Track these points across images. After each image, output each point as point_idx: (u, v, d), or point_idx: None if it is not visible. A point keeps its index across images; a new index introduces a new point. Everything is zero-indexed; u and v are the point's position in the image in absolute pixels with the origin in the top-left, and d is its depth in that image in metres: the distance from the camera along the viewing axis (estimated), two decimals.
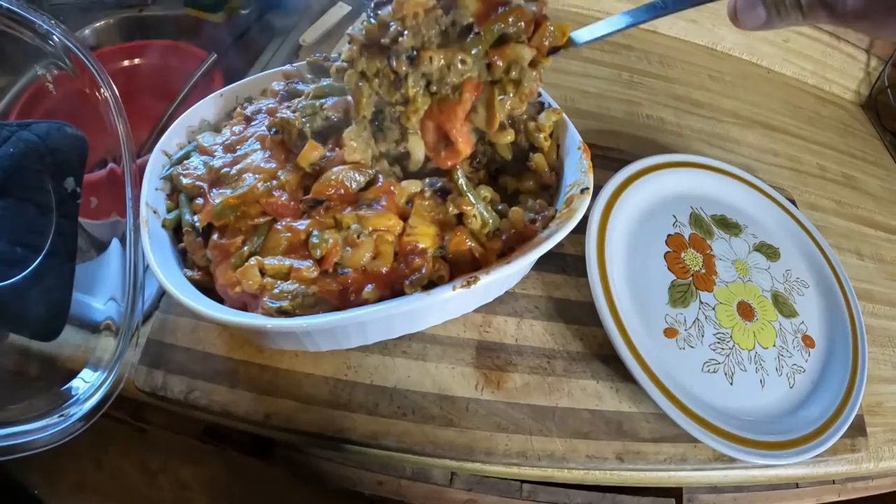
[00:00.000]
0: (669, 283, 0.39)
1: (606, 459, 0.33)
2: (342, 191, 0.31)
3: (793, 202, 0.48)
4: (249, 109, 0.36)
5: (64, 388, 0.29)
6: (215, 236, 0.31)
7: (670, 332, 0.37)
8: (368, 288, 0.28)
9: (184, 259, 0.32)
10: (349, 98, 0.32)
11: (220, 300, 0.30)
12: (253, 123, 0.35)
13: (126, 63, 0.50)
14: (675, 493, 0.43)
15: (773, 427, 0.36)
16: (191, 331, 0.35)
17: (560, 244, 0.40)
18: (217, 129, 0.36)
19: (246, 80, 0.37)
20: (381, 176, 0.32)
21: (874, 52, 0.65)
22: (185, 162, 0.34)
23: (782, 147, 0.56)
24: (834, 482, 0.45)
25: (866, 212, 0.54)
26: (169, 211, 0.33)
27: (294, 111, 0.33)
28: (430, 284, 0.29)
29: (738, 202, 0.43)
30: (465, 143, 0.30)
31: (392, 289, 0.29)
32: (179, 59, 0.51)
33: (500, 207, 0.33)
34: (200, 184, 0.32)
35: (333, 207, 0.30)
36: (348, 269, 0.29)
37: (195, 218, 0.32)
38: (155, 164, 0.34)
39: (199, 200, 0.32)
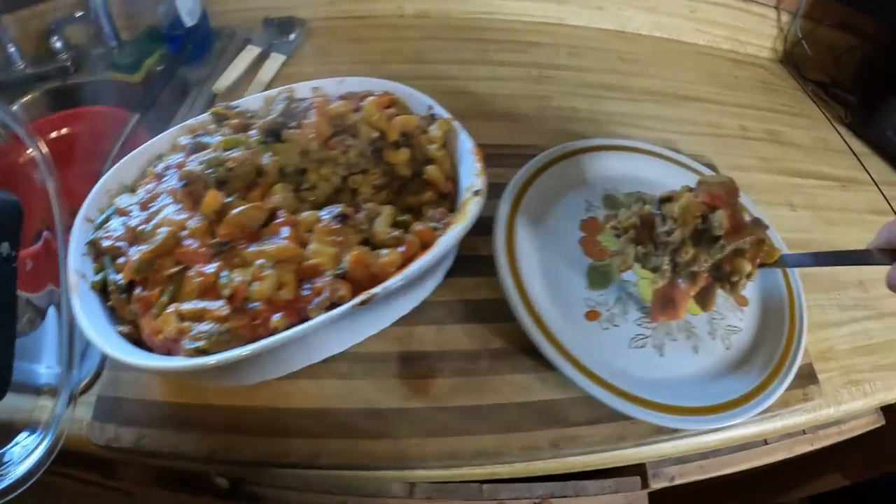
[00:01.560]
0: (588, 267, 0.43)
1: (541, 449, 0.37)
2: (245, 229, 0.36)
3: (713, 167, 0.53)
4: (160, 167, 0.41)
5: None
6: (137, 290, 0.36)
7: (592, 315, 0.41)
8: (276, 317, 0.33)
9: (114, 316, 0.38)
10: (249, 151, 0.38)
11: (150, 350, 0.35)
12: (164, 180, 0.41)
13: (55, 135, 0.57)
14: (640, 469, 0.47)
15: (712, 391, 0.40)
16: (135, 382, 0.40)
17: (474, 247, 0.45)
18: (133, 190, 0.42)
19: (155, 139, 0.43)
20: (281, 211, 0.37)
21: (783, 6, 0.70)
22: (106, 225, 0.40)
23: (701, 115, 0.61)
24: (805, 432, 0.49)
25: (793, 163, 0.58)
26: (96, 273, 0.39)
27: (201, 163, 0.38)
28: (334, 306, 0.34)
29: (653, 177, 0.48)
30: (682, 311, 0.39)
31: (299, 315, 0.34)
32: (106, 123, 0.58)
33: (404, 218, 0.39)
34: (120, 244, 0.38)
35: (239, 247, 0.36)
36: (257, 303, 0.34)
37: (118, 276, 0.37)
38: (79, 231, 0.40)
39: (122, 259, 0.38)
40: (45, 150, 0.40)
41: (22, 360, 0.37)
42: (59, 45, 0.60)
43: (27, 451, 0.33)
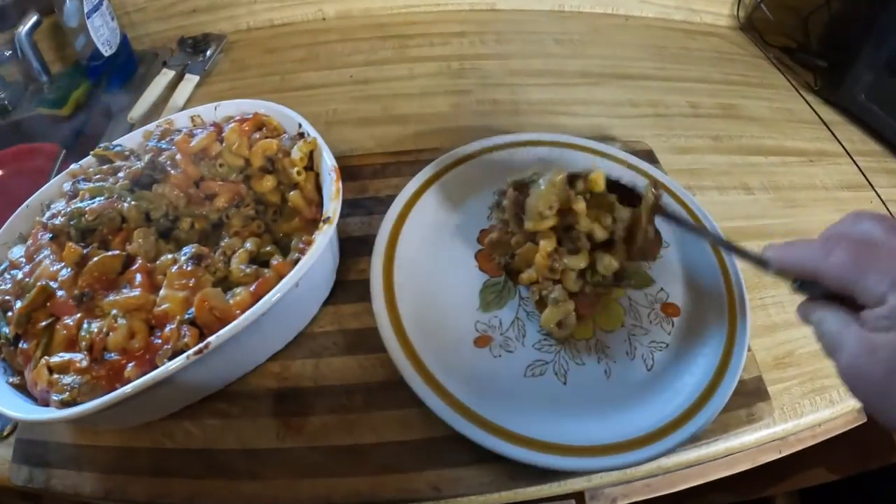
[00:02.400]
0: (482, 285, 0.41)
1: (419, 490, 0.37)
2: (103, 278, 0.38)
3: (650, 154, 0.47)
4: (46, 215, 0.44)
5: None
6: (21, 344, 0.40)
7: (482, 341, 0.40)
8: (129, 367, 0.35)
9: (10, 368, 0.41)
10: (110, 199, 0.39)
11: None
12: (49, 224, 0.43)
13: None
14: (576, 496, 0.45)
15: (626, 423, 0.37)
16: (45, 426, 0.44)
17: (362, 270, 0.44)
18: (27, 240, 0.45)
19: (45, 186, 0.46)
20: (138, 257, 0.38)
21: None
22: (0, 279, 0.43)
23: (642, 95, 0.55)
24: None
25: (752, 139, 0.51)
26: None
27: (64, 214, 0.41)
28: (180, 352, 0.35)
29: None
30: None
31: (150, 364, 0.35)
32: (40, 160, 0.62)
33: (268, 249, 0.39)
34: (9, 298, 0.41)
35: (98, 297, 0.38)
36: (113, 354, 0.36)
37: (6, 330, 0.41)
38: None
39: (10, 313, 0.41)
40: None
41: None
42: None
43: None
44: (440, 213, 0.44)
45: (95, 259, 0.38)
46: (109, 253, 0.38)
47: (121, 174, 0.42)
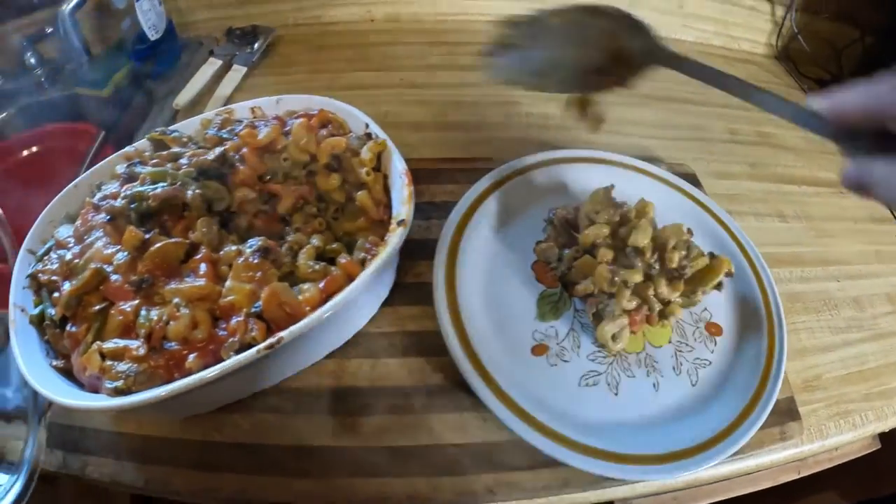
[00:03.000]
0: (539, 296, 0.40)
1: (476, 494, 0.35)
2: (165, 265, 0.35)
3: (693, 177, 0.47)
4: (97, 197, 0.41)
5: None
6: (69, 326, 0.36)
7: (539, 350, 0.38)
8: (191, 358, 0.32)
9: (52, 350, 0.38)
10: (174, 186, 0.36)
11: (82, 384, 0.35)
12: (100, 211, 0.40)
13: (26, 153, 0.57)
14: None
15: (672, 435, 0.36)
16: (83, 411, 0.41)
17: (419, 273, 0.42)
18: (74, 219, 0.42)
19: (96, 166, 0.43)
20: (202, 246, 0.36)
21: None
22: (46, 258, 0.40)
23: (685, 118, 0.54)
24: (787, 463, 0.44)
25: (786, 168, 0.51)
26: (36, 306, 0.39)
27: (124, 197, 0.37)
28: (247, 346, 0.32)
29: (623, 192, 0.43)
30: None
31: (214, 355, 0.33)
32: (77, 139, 0.58)
33: (334, 247, 0.36)
34: (56, 278, 0.38)
35: (158, 284, 0.35)
36: (173, 343, 0.33)
37: (53, 311, 0.37)
38: (21, 264, 0.40)
39: (57, 294, 0.38)
40: None
41: None
42: (33, 60, 0.60)
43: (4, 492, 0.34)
44: (498, 222, 0.42)
45: (158, 245, 0.35)
46: (173, 240, 0.35)
47: (183, 160, 0.39)
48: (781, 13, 0.64)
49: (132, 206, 0.37)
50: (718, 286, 0.38)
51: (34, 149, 0.57)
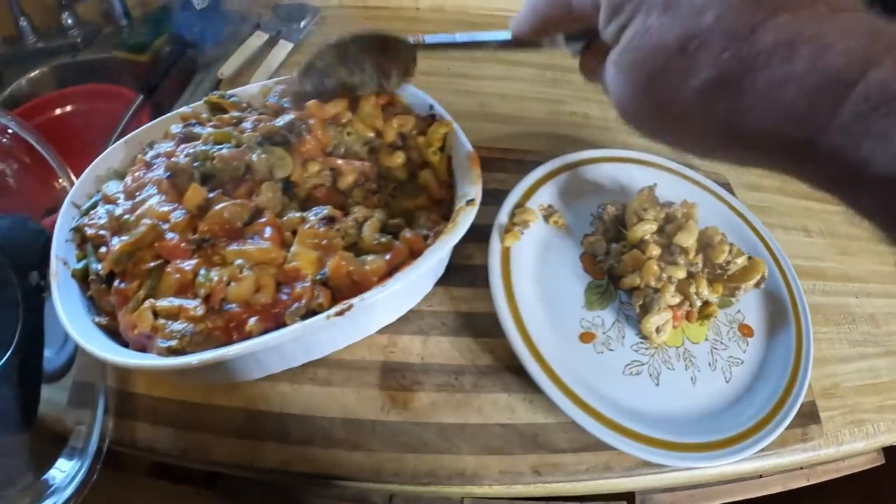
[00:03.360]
0: (586, 286, 0.40)
1: (522, 474, 0.35)
2: (227, 226, 0.33)
3: (728, 186, 0.48)
4: (149, 154, 0.39)
5: (43, 477, 0.32)
6: (117, 283, 0.34)
7: (587, 337, 0.38)
8: (252, 321, 0.31)
9: (94, 306, 0.35)
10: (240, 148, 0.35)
11: (126, 342, 0.33)
12: (152, 168, 0.38)
13: (60, 111, 0.54)
14: (627, 496, 0.44)
15: (707, 425, 0.36)
16: (116, 371, 0.38)
17: (468, 255, 0.42)
18: (123, 176, 0.39)
19: (148, 125, 0.41)
20: (266, 210, 0.34)
21: None
22: (92, 212, 0.37)
23: None
24: (801, 468, 0.45)
25: None
26: (79, 261, 0.36)
27: (188, 155, 0.35)
28: (312, 313, 0.31)
29: (664, 192, 0.43)
30: None
31: (275, 320, 0.31)
32: (113, 101, 0.55)
33: (396, 222, 0.35)
34: (103, 233, 0.36)
35: (219, 245, 0.33)
36: (233, 305, 0.31)
37: (99, 266, 0.35)
38: (65, 216, 0.37)
39: (104, 249, 0.35)
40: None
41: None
42: (70, 21, 0.57)
43: (74, 471, 0.32)
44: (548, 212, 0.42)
45: (223, 205, 0.33)
46: (239, 201, 0.34)
47: (246, 124, 0.37)
48: None
49: (195, 164, 0.35)
50: (758, 283, 0.38)
51: (68, 108, 0.55)
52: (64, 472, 0.33)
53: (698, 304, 0.39)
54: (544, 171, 0.42)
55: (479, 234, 0.40)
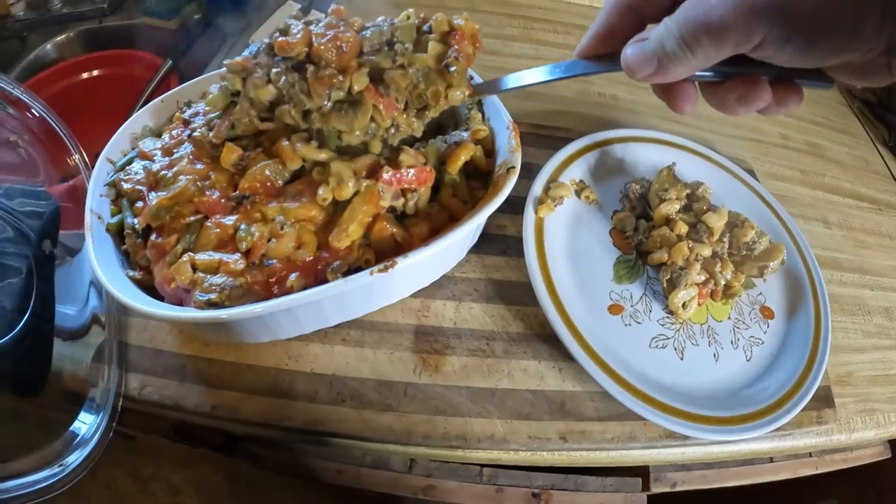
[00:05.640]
0: (615, 260, 0.40)
1: (549, 440, 0.35)
2: (268, 184, 0.33)
3: (752, 173, 0.49)
4: (188, 113, 0.38)
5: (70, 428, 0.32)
6: (153, 237, 0.34)
7: (615, 309, 0.38)
8: (293, 277, 0.31)
9: (128, 261, 0.35)
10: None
11: (161, 298, 0.33)
12: (191, 126, 0.38)
13: (86, 75, 0.54)
14: (642, 471, 0.45)
15: (728, 402, 0.37)
16: (143, 329, 0.38)
17: (501, 226, 0.42)
18: (159, 135, 0.39)
19: (185, 84, 0.40)
20: (306, 168, 0.34)
21: None
22: (128, 168, 0.37)
23: (742, 119, 0.57)
24: (811, 455, 0.46)
25: (833, 179, 0.54)
26: (113, 216, 0.36)
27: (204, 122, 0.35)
28: (356, 270, 0.31)
29: (690, 175, 0.44)
30: None
31: (316, 277, 0.31)
32: (138, 67, 0.55)
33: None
34: (140, 188, 0.35)
35: (260, 202, 0.33)
36: (274, 260, 0.31)
37: (135, 220, 0.34)
38: (100, 171, 0.37)
39: (140, 204, 0.35)
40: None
41: (59, 301, 0.36)
42: None
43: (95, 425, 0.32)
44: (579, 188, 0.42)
45: (264, 163, 0.33)
46: (278, 159, 0.34)
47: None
48: None
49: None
50: (783, 261, 0.39)
51: (95, 72, 0.54)
52: (87, 423, 0.33)
53: (723, 282, 0.39)
54: (576, 148, 0.43)
55: (512, 206, 0.40)
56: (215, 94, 0.35)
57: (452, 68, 0.32)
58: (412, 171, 0.32)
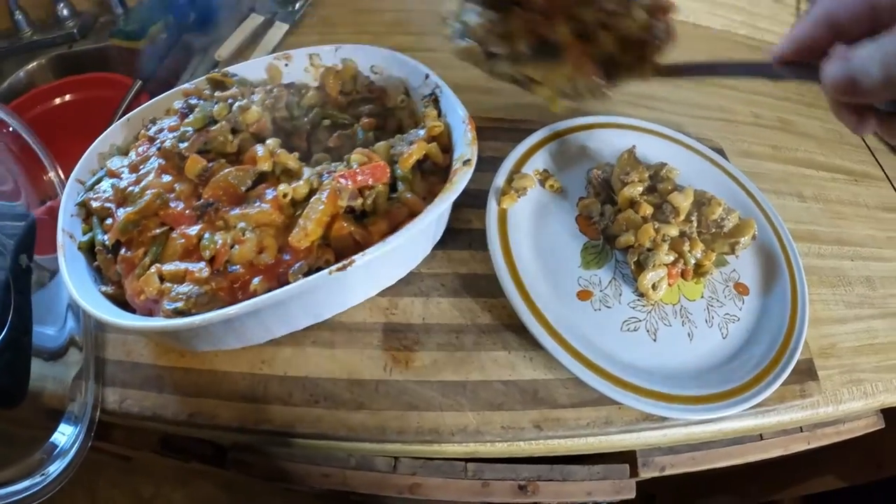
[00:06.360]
0: (582, 246, 0.42)
1: (524, 429, 0.36)
2: (231, 191, 0.35)
3: (721, 152, 0.50)
4: (152, 129, 0.41)
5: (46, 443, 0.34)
6: (123, 251, 0.36)
7: (584, 295, 0.40)
8: (256, 281, 0.33)
9: (100, 276, 0.37)
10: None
11: (134, 310, 0.35)
12: (156, 143, 0.40)
13: (59, 101, 0.56)
14: (629, 457, 0.46)
15: (704, 380, 0.38)
16: (121, 344, 0.40)
17: (467, 220, 0.43)
18: (125, 153, 0.41)
19: (149, 102, 0.43)
20: (268, 176, 0.36)
21: None
22: (97, 187, 0.39)
23: (712, 100, 0.58)
24: (802, 430, 0.47)
25: (806, 153, 0.55)
26: (84, 234, 0.38)
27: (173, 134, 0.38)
28: (317, 271, 0.32)
29: (656, 158, 0.45)
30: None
31: (279, 279, 0.33)
32: (110, 89, 0.57)
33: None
34: (109, 205, 0.38)
35: (223, 209, 0.35)
36: (237, 266, 0.33)
37: (105, 237, 0.37)
38: (70, 192, 0.39)
39: (109, 221, 0.37)
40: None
41: (37, 322, 0.38)
42: (65, 12, 0.60)
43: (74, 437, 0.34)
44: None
45: (227, 170, 0.35)
46: (242, 167, 0.36)
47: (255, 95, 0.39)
48: (807, 7, 0.68)
49: (181, 144, 0.37)
50: (755, 236, 0.40)
51: (67, 97, 0.57)
52: (66, 435, 0.35)
53: (693, 261, 0.40)
54: (538, 138, 0.44)
55: (477, 200, 0.42)
56: (196, 117, 0.38)
57: (658, 38, 0.32)
58: (367, 168, 0.34)
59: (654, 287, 0.39)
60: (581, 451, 0.40)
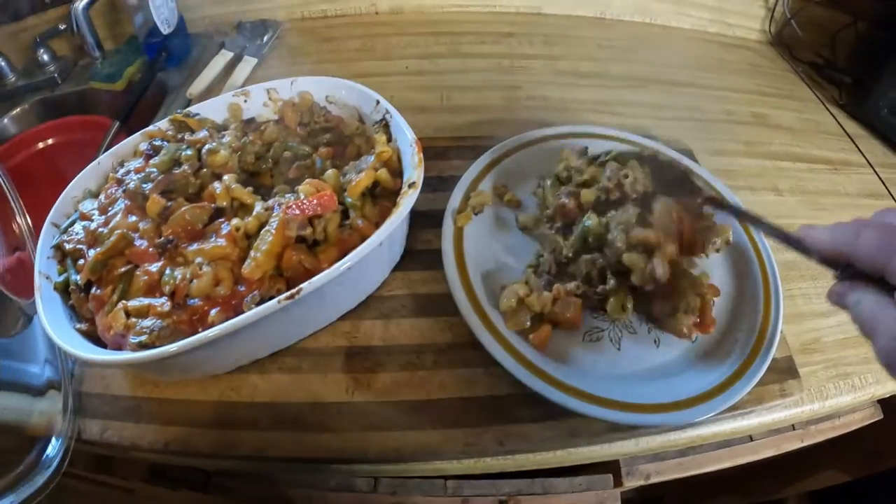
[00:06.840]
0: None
1: (486, 446, 0.37)
2: (189, 228, 0.38)
3: (690, 153, 0.50)
4: (120, 172, 0.44)
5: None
6: (94, 289, 0.38)
7: None
8: (213, 312, 0.35)
9: (75, 314, 0.40)
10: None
11: (106, 345, 0.37)
12: (123, 185, 0.43)
13: (42, 145, 0.60)
14: (613, 467, 0.46)
15: (674, 386, 0.38)
16: (100, 378, 0.43)
17: (426, 240, 0.45)
18: (97, 195, 0.44)
19: (118, 145, 0.46)
20: (225, 211, 0.38)
21: None
22: (70, 230, 0.42)
23: (681, 100, 0.59)
24: (794, 427, 0.46)
25: (781, 146, 0.55)
26: (60, 275, 0.41)
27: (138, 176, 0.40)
28: (268, 300, 0.34)
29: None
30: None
31: (235, 310, 0.35)
32: (91, 131, 0.61)
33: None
34: (81, 246, 0.40)
35: (181, 246, 0.37)
36: (196, 299, 0.36)
37: (78, 277, 0.39)
38: (46, 236, 0.42)
39: (82, 261, 0.40)
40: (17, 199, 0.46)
41: (18, 360, 0.42)
42: (46, 57, 0.64)
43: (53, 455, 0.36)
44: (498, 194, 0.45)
45: (185, 208, 0.38)
46: (199, 204, 0.38)
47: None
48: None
49: (145, 185, 0.39)
50: (728, 241, 0.41)
51: (49, 141, 0.60)
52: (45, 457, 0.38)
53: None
54: (493, 156, 0.46)
55: (437, 220, 0.43)
56: (162, 160, 0.41)
57: None
58: (314, 199, 0.36)
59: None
60: (552, 465, 0.41)
